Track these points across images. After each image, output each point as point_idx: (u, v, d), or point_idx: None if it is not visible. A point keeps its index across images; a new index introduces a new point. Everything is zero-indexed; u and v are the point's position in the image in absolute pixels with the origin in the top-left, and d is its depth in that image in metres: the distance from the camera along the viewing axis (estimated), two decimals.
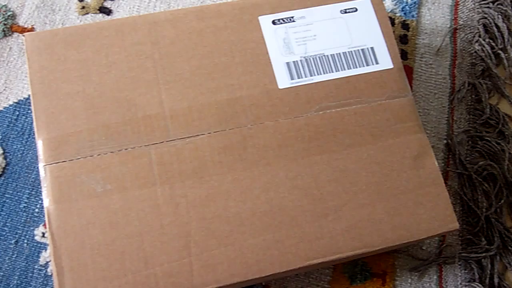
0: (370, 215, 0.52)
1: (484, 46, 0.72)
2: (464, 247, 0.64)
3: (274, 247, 0.50)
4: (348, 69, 0.57)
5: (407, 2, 0.74)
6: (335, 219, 0.52)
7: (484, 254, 0.62)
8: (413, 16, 0.73)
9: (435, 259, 0.62)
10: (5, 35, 0.68)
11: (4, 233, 0.60)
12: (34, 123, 0.52)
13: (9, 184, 0.62)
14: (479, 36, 0.73)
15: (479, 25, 0.73)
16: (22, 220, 0.61)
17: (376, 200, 0.53)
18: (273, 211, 0.51)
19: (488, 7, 0.74)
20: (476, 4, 0.75)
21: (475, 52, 0.72)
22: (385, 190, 0.53)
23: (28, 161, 0.63)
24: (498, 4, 0.74)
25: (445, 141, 0.68)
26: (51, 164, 0.50)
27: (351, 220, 0.52)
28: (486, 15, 0.74)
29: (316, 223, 0.51)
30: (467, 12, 0.74)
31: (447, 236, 0.64)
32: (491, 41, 0.73)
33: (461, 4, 0.75)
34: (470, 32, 0.73)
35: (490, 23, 0.73)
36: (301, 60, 0.56)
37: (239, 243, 0.50)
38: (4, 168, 0.63)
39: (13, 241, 0.60)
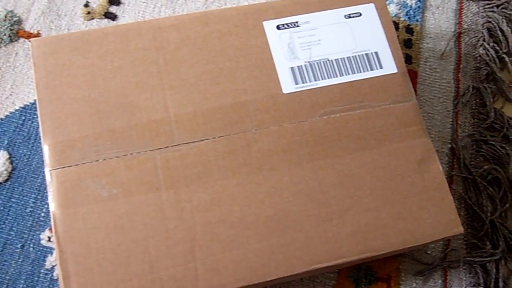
0: (374, 220, 0.52)
1: (488, 50, 0.72)
2: (468, 251, 0.64)
3: (279, 251, 0.50)
4: (353, 73, 0.57)
5: (411, 7, 0.74)
6: (340, 223, 0.52)
7: (489, 258, 0.62)
8: (417, 20, 0.73)
9: (440, 263, 0.62)
10: (11, 41, 0.69)
11: (10, 237, 0.61)
12: (40, 128, 0.52)
13: (16, 189, 0.62)
14: (484, 40, 0.73)
15: (484, 29, 0.73)
16: (28, 225, 0.61)
17: (381, 204, 0.53)
18: (277, 215, 0.51)
19: (492, 11, 0.74)
20: (481, 8, 0.75)
21: (480, 56, 0.72)
22: (389, 194, 0.53)
23: (34, 165, 0.63)
24: (502, 8, 0.74)
25: (449, 145, 0.68)
26: (57, 168, 0.51)
27: (356, 225, 0.52)
28: (490, 19, 0.74)
29: (321, 228, 0.51)
30: (471, 16, 0.74)
31: (452, 240, 0.64)
32: (495, 45, 0.73)
33: (465, 8, 0.75)
34: (475, 36, 0.73)
35: (495, 27, 0.73)
36: (305, 65, 0.57)
37: (244, 248, 0.50)
38: (10, 172, 0.63)
39: (19, 245, 0.60)
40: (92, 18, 0.71)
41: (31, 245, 0.61)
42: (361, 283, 0.61)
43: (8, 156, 0.63)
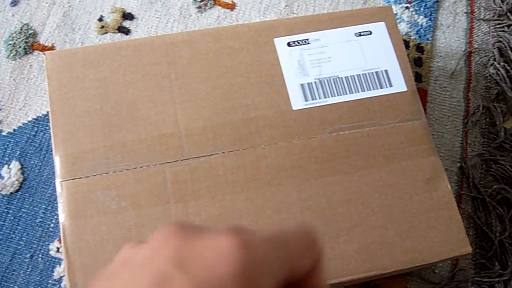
0: (382, 237, 0.52)
1: (499, 70, 0.72)
2: (477, 271, 0.63)
3: None
4: (362, 91, 0.57)
5: (422, 25, 0.74)
6: (347, 240, 0.52)
7: (497, 279, 0.62)
8: (427, 39, 0.74)
9: (448, 283, 0.62)
10: (26, 53, 0.70)
11: (19, 247, 0.61)
12: (52, 140, 0.53)
13: (26, 199, 0.63)
14: (494, 59, 0.73)
15: (494, 48, 0.74)
16: (38, 235, 0.62)
17: (389, 222, 0.53)
18: None
19: (503, 31, 0.74)
20: (491, 28, 0.75)
21: (490, 75, 0.72)
22: (397, 212, 0.53)
23: (45, 176, 0.64)
24: None
25: (458, 164, 0.68)
26: (68, 180, 0.51)
27: (363, 242, 0.52)
28: (501, 39, 0.74)
29: (328, 244, 0.51)
30: (482, 36, 0.75)
31: (460, 260, 0.63)
32: (506, 64, 0.73)
33: (476, 27, 0.75)
34: (485, 56, 0.73)
35: (505, 47, 0.73)
36: (315, 82, 0.57)
37: None
38: (21, 183, 0.64)
39: (28, 255, 0.61)
40: (106, 32, 0.72)
41: (40, 256, 0.61)
42: None
43: (19, 167, 0.64)
